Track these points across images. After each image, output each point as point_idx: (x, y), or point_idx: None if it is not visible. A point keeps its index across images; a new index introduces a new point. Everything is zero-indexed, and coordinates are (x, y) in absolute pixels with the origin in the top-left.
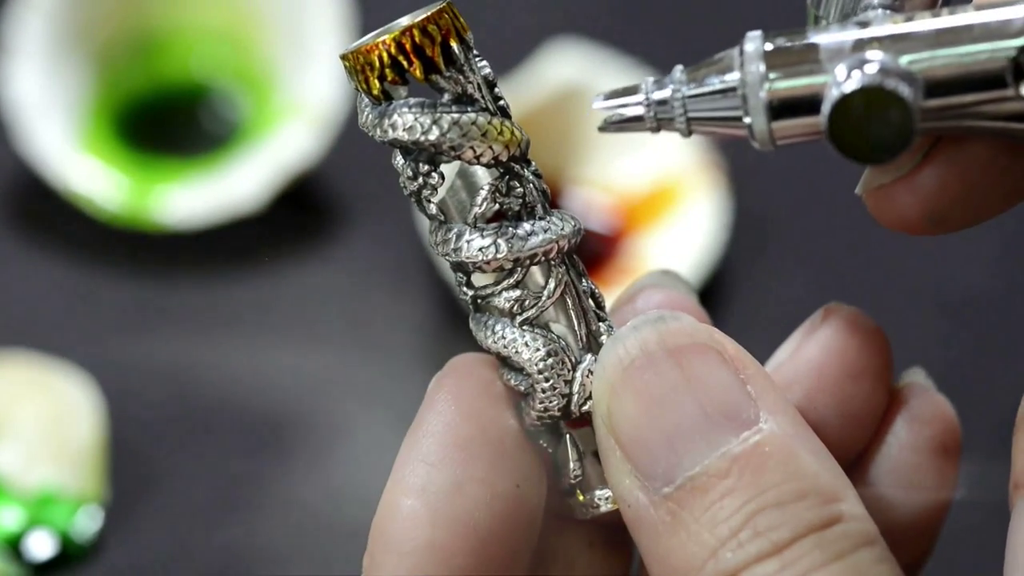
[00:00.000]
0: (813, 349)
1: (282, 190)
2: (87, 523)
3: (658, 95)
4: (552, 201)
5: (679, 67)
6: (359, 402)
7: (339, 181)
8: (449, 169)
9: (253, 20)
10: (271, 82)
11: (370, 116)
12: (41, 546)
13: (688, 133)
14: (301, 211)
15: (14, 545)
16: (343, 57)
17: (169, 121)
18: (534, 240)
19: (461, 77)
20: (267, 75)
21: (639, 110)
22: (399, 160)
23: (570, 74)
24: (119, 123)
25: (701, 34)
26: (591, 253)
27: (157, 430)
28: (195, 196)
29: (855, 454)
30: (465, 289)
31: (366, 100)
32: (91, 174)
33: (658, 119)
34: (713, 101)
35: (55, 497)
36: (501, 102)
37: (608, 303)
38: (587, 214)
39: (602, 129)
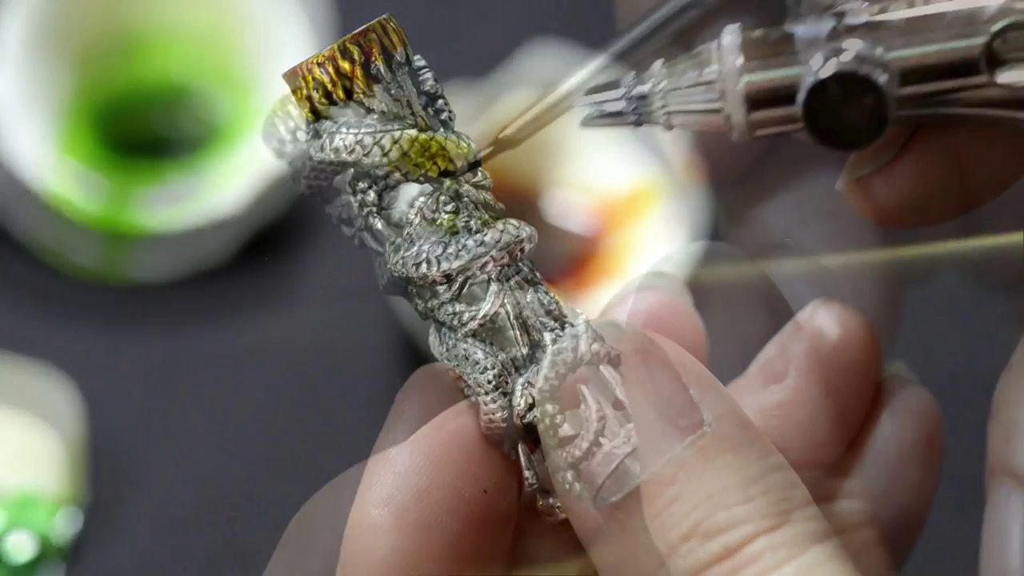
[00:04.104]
0: (802, 344)
1: (261, 193)
2: (66, 525)
3: (638, 90)
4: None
5: (659, 61)
6: (337, 408)
7: None
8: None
9: (232, 22)
10: (250, 84)
11: (309, 137)
12: (21, 548)
13: (669, 127)
14: (280, 216)
15: None
16: (283, 77)
17: (148, 123)
18: (465, 255)
19: (387, 95)
20: (246, 77)
21: (620, 105)
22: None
23: (550, 76)
24: (98, 125)
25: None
26: (571, 253)
27: (136, 433)
28: (174, 197)
29: (844, 447)
30: (417, 301)
31: (307, 121)
32: (70, 176)
33: (638, 113)
34: (692, 94)
35: (34, 499)
36: (444, 115)
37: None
38: (567, 215)
39: (584, 125)
